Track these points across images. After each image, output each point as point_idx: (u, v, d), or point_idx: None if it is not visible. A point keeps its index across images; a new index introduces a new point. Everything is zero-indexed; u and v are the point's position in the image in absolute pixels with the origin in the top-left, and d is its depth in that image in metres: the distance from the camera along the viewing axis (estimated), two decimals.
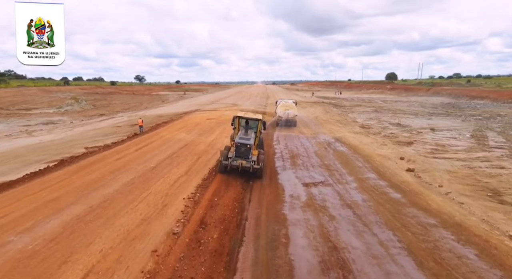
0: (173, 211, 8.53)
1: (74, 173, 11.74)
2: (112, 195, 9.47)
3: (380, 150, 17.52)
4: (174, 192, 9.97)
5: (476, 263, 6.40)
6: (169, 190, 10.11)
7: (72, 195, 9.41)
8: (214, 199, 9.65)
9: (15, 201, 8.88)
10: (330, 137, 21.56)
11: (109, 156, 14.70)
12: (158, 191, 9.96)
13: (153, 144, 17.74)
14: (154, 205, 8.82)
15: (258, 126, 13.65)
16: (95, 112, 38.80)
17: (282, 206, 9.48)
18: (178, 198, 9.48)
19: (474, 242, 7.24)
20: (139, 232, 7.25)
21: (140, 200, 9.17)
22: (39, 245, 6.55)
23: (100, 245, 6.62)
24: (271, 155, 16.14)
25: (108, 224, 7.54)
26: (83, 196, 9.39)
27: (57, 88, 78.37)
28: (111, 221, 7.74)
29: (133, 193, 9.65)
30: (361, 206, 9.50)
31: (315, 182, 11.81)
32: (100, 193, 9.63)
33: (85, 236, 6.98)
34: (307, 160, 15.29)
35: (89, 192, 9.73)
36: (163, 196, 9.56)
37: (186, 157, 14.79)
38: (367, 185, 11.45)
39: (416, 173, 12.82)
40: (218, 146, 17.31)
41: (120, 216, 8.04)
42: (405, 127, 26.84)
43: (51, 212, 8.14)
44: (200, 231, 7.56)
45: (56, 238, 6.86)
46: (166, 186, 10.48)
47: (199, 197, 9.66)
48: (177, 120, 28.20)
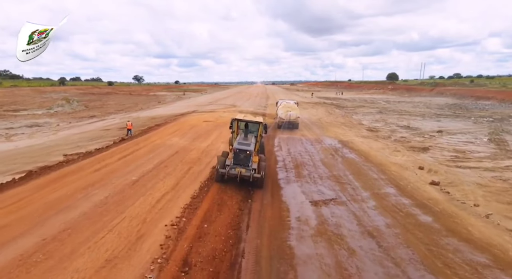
0: (150, 245, 6.67)
1: (40, 189, 9.88)
2: (77, 221, 7.60)
3: (394, 157, 15.69)
4: (155, 216, 8.10)
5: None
6: (149, 213, 8.24)
7: (27, 221, 7.55)
8: (204, 225, 7.79)
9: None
10: (337, 142, 19.72)
11: (87, 166, 12.83)
12: (135, 215, 8.09)
13: (140, 150, 15.87)
14: (127, 236, 6.96)
15: (258, 130, 12.42)
16: (86, 113, 36.89)
17: (288, 234, 7.63)
18: (159, 224, 7.62)
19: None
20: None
21: (110, 228, 7.31)
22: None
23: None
24: (273, 164, 14.30)
25: (59, 269, 5.68)
26: (40, 222, 7.52)
27: (52, 88, 76.48)
28: (64, 263, 5.88)
29: (103, 218, 7.78)
30: (385, 234, 7.65)
31: (325, 199, 9.96)
32: (62, 218, 7.76)
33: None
34: (313, 169, 13.45)
35: (49, 216, 7.86)
36: (140, 222, 7.69)
37: (175, 166, 12.92)
38: (388, 204, 9.61)
39: (443, 187, 10.98)
40: (213, 153, 15.46)
41: (78, 254, 6.17)
42: (415, 131, 25.02)
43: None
44: (181, 277, 5.70)
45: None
46: (146, 207, 8.62)
47: (185, 222, 7.79)
48: (171, 123, 26.33)
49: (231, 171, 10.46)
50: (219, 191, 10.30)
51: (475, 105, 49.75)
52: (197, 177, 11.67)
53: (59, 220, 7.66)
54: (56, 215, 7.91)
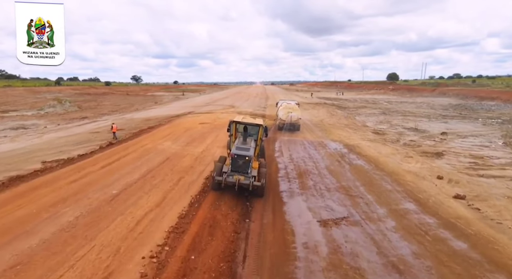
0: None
1: (1, 207, 8.40)
2: (32, 253, 6.14)
3: (406, 164, 14.26)
4: (132, 244, 6.64)
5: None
6: (125, 240, 6.78)
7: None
8: (191, 256, 6.33)
9: None
10: (342, 146, 18.29)
11: (65, 175, 11.36)
12: (107, 242, 6.62)
13: (128, 156, 14.42)
14: (90, 276, 5.49)
15: (258, 133, 11.66)
16: (78, 115, 35.34)
17: (294, 268, 6.18)
18: (135, 256, 6.16)
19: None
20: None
21: (73, 262, 5.85)
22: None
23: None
24: (274, 172, 12.86)
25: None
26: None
27: (47, 88, 74.76)
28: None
29: (66, 248, 6.32)
30: (414, 267, 6.20)
31: (336, 218, 8.51)
32: (15, 247, 6.30)
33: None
34: (319, 179, 12.00)
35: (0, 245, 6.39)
36: (112, 253, 6.23)
37: (164, 177, 11.46)
38: (410, 224, 8.17)
39: (470, 202, 9.55)
40: (208, 159, 14.03)
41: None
42: (423, 133, 23.62)
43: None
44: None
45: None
46: (122, 231, 7.16)
47: (167, 253, 6.34)
48: (165, 125, 24.88)
49: (228, 179, 9.56)
50: (211, 208, 8.85)
51: (480, 106, 48.41)
52: (187, 189, 10.21)
53: (11, 250, 6.19)
54: (9, 244, 6.44)
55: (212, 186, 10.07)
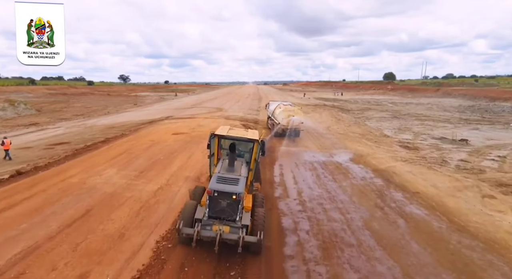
0: None
1: None
2: None
3: (497, 213, 8.53)
4: None
5: None
6: None
7: None
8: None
9: None
10: (370, 172, 12.51)
11: None
12: None
13: (20, 205, 8.32)
14: None
15: (252, 152, 8.09)
16: (27, 120, 28.76)
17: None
18: None
19: None
20: None
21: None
22: None
23: None
24: (275, 241, 6.93)
25: None
26: None
27: (16, 88, 67.46)
28: None
29: None
30: None
31: None
32: None
33: None
34: (363, 262, 6.14)
35: None
36: None
37: (49, 271, 5.40)
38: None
39: None
40: (160, 211, 8.07)
41: None
42: (466, 146, 18.00)
43: None
44: None
45: None
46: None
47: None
48: (126, 137, 18.72)
49: (204, 232, 6.23)
50: None
51: (498, 108, 43.44)
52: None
53: None
54: None
55: (179, 241, 6.74)
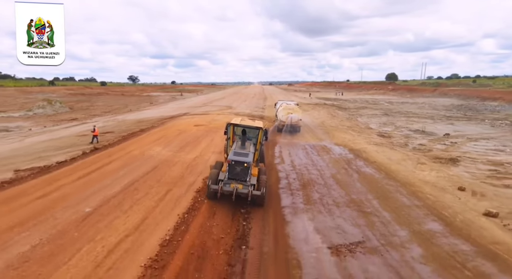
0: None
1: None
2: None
3: (420, 172, 12.88)
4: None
5: None
6: (92, 274, 5.32)
7: None
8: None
9: None
10: (347, 151, 16.91)
11: (35, 188, 9.87)
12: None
13: (111, 165, 12.94)
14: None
15: (258, 137, 11.01)
16: (67, 116, 33.75)
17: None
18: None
19: None
20: None
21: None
22: None
23: None
24: (274, 183, 11.43)
25: None
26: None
27: (40, 88, 73.01)
28: None
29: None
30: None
31: (350, 243, 7.10)
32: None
33: None
34: (325, 191, 10.60)
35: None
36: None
37: (149, 189, 10.00)
38: (441, 252, 6.77)
39: (505, 221, 8.16)
40: (200, 168, 12.59)
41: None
42: (431, 136, 22.29)
43: None
44: None
45: None
46: (87, 267, 5.68)
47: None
48: (157, 128, 23.37)
49: (225, 188, 8.92)
50: (201, 231, 7.42)
51: (484, 107, 47.32)
52: (174, 206, 8.76)
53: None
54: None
55: (208, 195, 9.31)
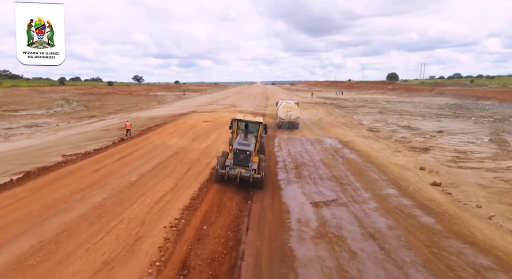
0: (148, 247, 6.58)
1: (38, 190, 9.78)
2: (74, 223, 7.51)
3: (394, 157, 15.60)
4: (154, 217, 8.02)
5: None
6: (148, 214, 8.16)
7: (25, 222, 7.46)
8: (203, 227, 7.70)
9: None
10: (337, 142, 19.64)
11: (86, 166, 12.74)
12: (134, 216, 8.00)
13: (139, 151, 15.78)
14: (125, 238, 6.87)
15: (258, 130, 12.49)
16: (85, 114, 36.77)
17: (288, 237, 7.54)
18: (158, 226, 7.53)
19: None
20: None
21: (108, 230, 7.21)
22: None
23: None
24: (273, 165, 14.21)
25: (55, 272, 5.60)
26: (38, 223, 7.43)
27: (51, 88, 76.34)
28: (61, 266, 5.79)
29: (101, 220, 7.69)
30: (387, 236, 7.56)
31: (326, 201, 9.87)
32: (59, 219, 7.67)
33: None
34: (313, 170, 13.36)
35: (47, 217, 7.77)
36: (139, 224, 7.60)
37: (174, 167, 12.83)
38: (389, 205, 9.53)
39: (444, 188, 10.90)
40: (213, 153, 15.37)
41: (75, 257, 6.08)
42: (416, 131, 24.92)
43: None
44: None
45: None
46: (145, 208, 8.53)
47: (184, 224, 7.71)
48: (171, 123, 26.23)
49: (230, 172, 10.38)
50: (218, 192, 10.20)
51: (476, 106, 49.65)
52: (196, 178, 11.57)
53: (56, 221, 7.56)
54: (53, 217, 7.81)
55: (216, 179, 10.87)
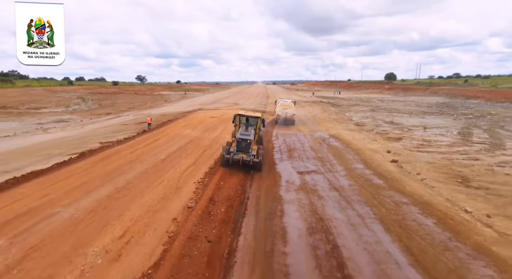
0: (186, 191, 10.10)
1: (95, 163, 13.31)
2: (133, 180, 11.04)
3: (370, 144, 19.06)
4: (185, 178, 11.54)
5: (433, 228, 7.96)
6: (181, 176, 11.68)
7: (98, 180, 10.98)
8: (220, 183, 11.21)
9: (50, 184, 10.43)
10: (326, 134, 23.11)
11: (123, 149, 16.26)
12: (171, 177, 11.52)
13: (161, 139, 19.30)
14: (170, 187, 10.39)
15: (257, 124, 15.06)
16: (101, 111, 40.36)
17: (279, 189, 11.04)
18: (189, 182, 11.05)
19: (435, 214, 8.80)
20: (160, 206, 8.83)
21: (158, 183, 10.74)
22: (81, 215, 8.11)
23: (130, 215, 8.19)
24: (270, 149, 17.69)
25: (134, 201, 9.11)
26: (108, 180, 10.95)
27: (61, 88, 79.88)
28: (136, 198, 9.31)
29: (150, 178, 11.22)
30: (346, 189, 11.05)
31: (308, 171, 13.36)
32: (122, 178, 11.20)
33: (116, 209, 8.55)
34: (302, 153, 16.84)
35: (112, 177, 11.30)
36: (176, 181, 11.13)
37: (192, 150, 16.35)
38: (354, 173, 13.01)
39: (399, 164, 14.37)
40: (221, 141, 18.86)
41: (142, 195, 9.60)
42: (397, 125, 28.36)
43: (84, 192, 9.70)
44: (210, 206, 9.12)
45: (94, 210, 8.43)
46: (177, 173, 12.05)
47: (207, 181, 11.22)
48: (181, 119, 29.76)
49: (234, 157, 12.50)
50: (229, 166, 13.71)
51: (462, 104, 52.94)
52: (211, 156, 15.08)
53: (120, 179, 11.09)
54: (117, 177, 11.34)
55: (222, 162, 13.07)
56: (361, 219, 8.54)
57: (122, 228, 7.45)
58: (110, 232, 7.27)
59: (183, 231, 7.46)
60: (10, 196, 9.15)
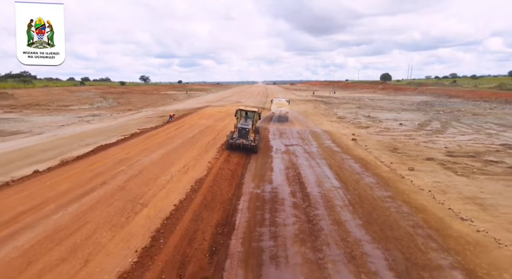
0: (212, 151, 16.21)
1: (146, 139, 19.41)
2: (176, 147, 17.16)
3: (342, 130, 25.14)
4: (210, 146, 17.65)
5: (356, 168, 14.04)
6: (207, 145, 17.81)
7: (154, 147, 17.06)
8: (228, 158, 17.27)
9: (126, 148, 16.51)
10: (312, 124, 29.19)
11: (159, 132, 22.36)
12: (200, 145, 17.64)
13: (184, 127, 25.42)
14: (201, 150, 16.51)
15: (254, 117, 19.27)
16: (122, 108, 46.45)
17: (271, 152, 17.12)
18: (213, 148, 17.15)
19: (362, 163, 14.88)
20: (200, 157, 14.96)
21: (193, 148, 16.86)
22: (156, 160, 14.20)
23: (184, 160, 14.31)
24: (266, 134, 23.78)
25: (183, 155, 15.24)
26: (160, 147, 17.04)
27: (76, 88, 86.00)
28: (183, 155, 15.42)
29: (187, 146, 17.32)
30: (314, 153, 17.14)
31: (292, 144, 19.45)
32: (169, 146, 17.31)
33: (174, 158, 14.64)
34: (290, 135, 22.94)
35: (162, 146, 17.39)
36: (204, 147, 17.23)
37: (210, 132, 22.47)
38: (323, 146, 19.08)
39: (357, 142, 20.44)
40: (229, 127, 24.85)
41: (186, 153, 15.71)
42: (372, 119, 34.40)
43: (150, 151, 15.76)
44: (228, 157, 15.22)
45: (162, 158, 14.53)
46: (204, 143, 18.17)
47: (220, 156, 17.27)
48: (195, 113, 35.87)
49: (236, 141, 16.36)
50: None
51: (441, 103, 58.84)
52: (224, 136, 21.12)
53: (168, 147, 17.18)
54: (165, 146, 17.43)
55: (227, 146, 16.81)
56: (317, 165, 14.63)
57: (182, 164, 13.56)
58: (176, 165, 13.36)
59: (215, 167, 13.55)
60: (110, 153, 15.29)
